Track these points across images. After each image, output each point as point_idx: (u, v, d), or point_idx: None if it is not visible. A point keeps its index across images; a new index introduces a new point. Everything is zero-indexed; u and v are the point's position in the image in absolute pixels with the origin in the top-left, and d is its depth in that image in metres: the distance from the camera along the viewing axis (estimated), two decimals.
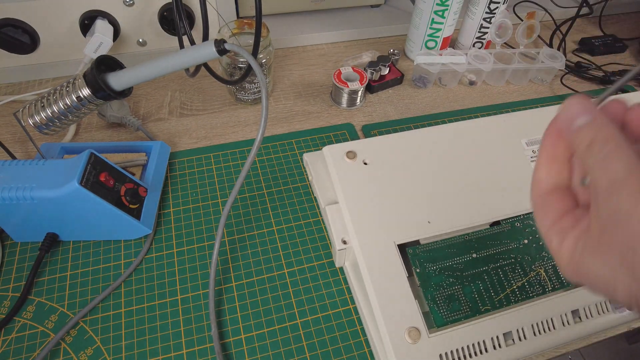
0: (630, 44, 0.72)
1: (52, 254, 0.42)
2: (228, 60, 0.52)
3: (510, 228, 0.40)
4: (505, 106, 0.60)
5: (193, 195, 0.47)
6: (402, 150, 0.43)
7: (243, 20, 0.55)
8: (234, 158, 0.51)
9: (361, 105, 0.59)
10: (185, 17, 0.49)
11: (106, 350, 0.36)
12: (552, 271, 0.39)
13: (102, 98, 0.39)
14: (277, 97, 0.60)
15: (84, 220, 0.40)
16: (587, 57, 0.70)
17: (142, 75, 0.38)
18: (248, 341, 0.37)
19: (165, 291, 0.40)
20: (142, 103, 0.57)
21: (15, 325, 0.37)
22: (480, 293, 0.37)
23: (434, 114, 0.58)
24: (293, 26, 0.68)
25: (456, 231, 0.40)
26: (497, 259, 0.39)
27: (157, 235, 0.44)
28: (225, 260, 0.42)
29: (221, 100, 0.58)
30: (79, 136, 0.52)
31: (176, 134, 0.53)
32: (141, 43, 0.59)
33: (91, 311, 0.38)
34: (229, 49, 0.36)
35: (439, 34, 0.62)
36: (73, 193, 0.36)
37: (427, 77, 0.61)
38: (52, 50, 0.56)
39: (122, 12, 0.55)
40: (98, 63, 0.38)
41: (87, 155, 0.38)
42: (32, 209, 0.38)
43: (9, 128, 0.53)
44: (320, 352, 0.37)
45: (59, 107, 0.39)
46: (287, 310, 0.39)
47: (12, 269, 0.41)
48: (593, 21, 0.77)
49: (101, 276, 0.41)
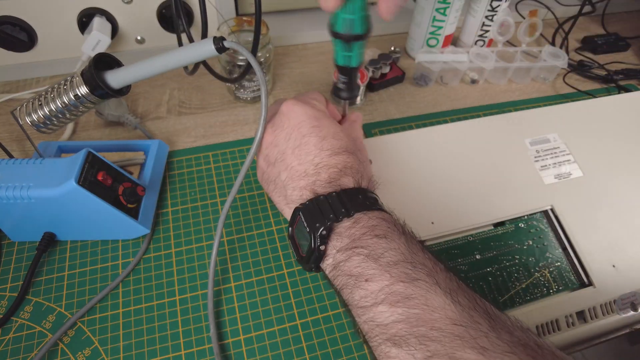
0: (633, 43, 0.72)
1: (49, 253, 0.41)
2: (227, 58, 0.51)
3: (514, 229, 0.40)
4: (507, 105, 0.59)
5: (192, 195, 0.46)
6: (405, 150, 0.43)
7: (242, 17, 0.54)
8: (233, 157, 0.50)
9: (362, 104, 0.58)
10: (184, 15, 0.48)
11: (104, 350, 0.36)
12: (556, 273, 0.38)
13: (100, 96, 0.38)
14: (277, 95, 0.59)
15: (82, 220, 0.39)
16: (589, 55, 0.69)
17: (140, 73, 0.37)
18: (247, 342, 0.37)
19: (164, 291, 0.39)
20: (140, 101, 0.56)
21: (13, 325, 0.37)
22: (485, 295, 0.36)
23: (436, 112, 0.58)
24: (293, 24, 0.68)
25: (460, 232, 0.39)
26: (501, 260, 0.38)
27: (155, 235, 0.43)
28: (225, 260, 0.42)
29: (220, 98, 0.58)
30: (77, 135, 0.52)
31: (175, 133, 0.53)
32: (139, 41, 0.59)
33: (89, 311, 0.38)
34: (228, 47, 0.35)
35: (441, 32, 0.61)
36: (70, 192, 0.36)
37: (428, 76, 0.60)
38: (50, 48, 0.55)
39: (120, 9, 0.54)
40: (96, 61, 0.37)
41: (84, 154, 0.38)
42: (30, 208, 0.37)
43: (6, 127, 0.52)
44: (320, 354, 0.37)
45: (56, 106, 0.38)
46: (287, 311, 0.39)
47: (10, 268, 0.40)
48: (596, 19, 0.77)
49: (99, 276, 0.40)
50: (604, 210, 0.41)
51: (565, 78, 0.64)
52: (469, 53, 0.59)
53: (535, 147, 0.45)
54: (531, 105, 0.58)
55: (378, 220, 0.29)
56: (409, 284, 0.25)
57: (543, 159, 0.44)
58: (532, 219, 0.41)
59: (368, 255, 0.27)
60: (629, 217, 0.41)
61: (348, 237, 0.28)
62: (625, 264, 0.39)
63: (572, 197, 0.42)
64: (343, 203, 0.29)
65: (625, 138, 0.47)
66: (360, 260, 0.27)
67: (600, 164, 0.44)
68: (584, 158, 0.45)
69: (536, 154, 0.44)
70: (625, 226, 0.41)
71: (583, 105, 0.49)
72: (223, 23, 0.52)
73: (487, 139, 0.44)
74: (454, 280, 0.26)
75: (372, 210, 0.30)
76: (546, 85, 0.64)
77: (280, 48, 0.66)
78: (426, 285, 0.25)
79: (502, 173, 0.42)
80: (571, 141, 0.46)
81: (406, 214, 0.39)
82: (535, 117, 0.47)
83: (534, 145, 0.45)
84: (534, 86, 0.63)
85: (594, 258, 0.39)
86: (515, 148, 0.44)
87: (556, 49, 0.62)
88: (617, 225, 0.41)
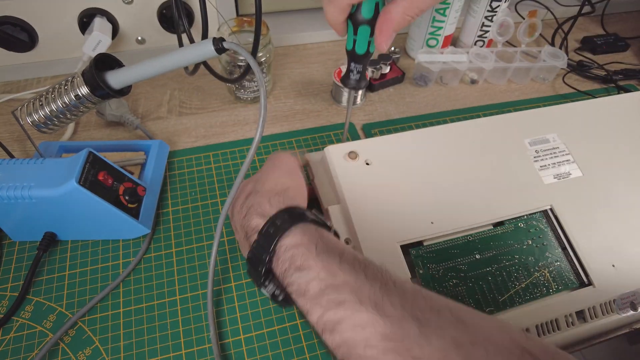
0: (633, 43, 0.72)
1: (50, 253, 0.41)
2: (227, 59, 0.51)
3: (514, 229, 0.40)
4: (506, 105, 0.59)
5: (192, 195, 0.46)
6: (404, 150, 0.43)
7: (243, 18, 0.54)
8: (234, 157, 0.50)
9: (362, 104, 0.59)
10: (185, 15, 0.48)
11: (104, 350, 0.36)
12: (556, 272, 0.38)
13: (100, 96, 0.38)
14: (277, 95, 0.59)
15: (83, 220, 0.39)
16: (589, 55, 0.69)
17: (140, 74, 0.37)
18: (247, 342, 0.37)
19: (164, 291, 0.40)
20: (141, 102, 0.57)
21: (14, 325, 0.37)
22: (484, 294, 0.37)
23: (435, 112, 0.58)
24: (293, 24, 0.68)
25: (459, 232, 0.39)
26: (500, 260, 0.38)
27: (156, 234, 0.43)
28: (225, 260, 0.42)
29: (221, 98, 0.58)
30: (78, 135, 0.52)
31: (175, 133, 0.53)
32: (140, 41, 0.59)
33: (90, 311, 0.38)
34: (228, 48, 0.35)
35: (440, 32, 0.61)
36: (71, 192, 0.36)
37: (428, 76, 0.60)
38: (51, 49, 0.56)
39: (121, 9, 0.54)
40: (97, 61, 0.37)
41: (85, 154, 0.38)
42: (30, 208, 0.37)
43: (7, 127, 0.52)
44: (320, 353, 0.37)
45: (57, 106, 0.39)
46: (287, 311, 0.39)
47: (10, 268, 0.40)
48: (595, 20, 0.77)
49: (99, 276, 0.40)
50: (603, 210, 0.41)
51: (564, 78, 0.64)
52: (469, 53, 0.60)
53: (534, 147, 0.45)
54: (531, 105, 0.58)
55: (293, 249, 0.29)
56: (336, 309, 0.26)
57: (542, 159, 0.44)
58: (531, 218, 0.41)
59: (297, 292, 0.28)
60: (628, 217, 0.41)
61: (281, 276, 0.29)
62: (625, 263, 0.39)
63: (572, 197, 0.42)
64: (260, 246, 0.30)
65: (624, 138, 0.47)
66: (295, 297, 0.29)
67: (599, 164, 0.44)
68: (584, 158, 0.45)
69: (535, 154, 0.44)
70: (625, 226, 0.41)
71: (582, 106, 0.49)
72: (223, 23, 0.52)
73: (487, 139, 0.45)
74: (378, 287, 0.27)
75: (285, 237, 0.30)
76: (546, 85, 0.64)
77: (280, 48, 0.66)
78: (351, 305, 0.26)
79: (501, 173, 0.43)
80: (570, 141, 0.46)
81: (406, 214, 0.39)
82: (534, 117, 0.47)
83: (534, 146, 0.45)
84: (534, 86, 0.63)
85: (594, 258, 0.39)
86: (514, 148, 0.44)
87: (556, 49, 0.62)
88: (617, 225, 0.41)
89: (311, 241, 0.29)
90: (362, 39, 0.33)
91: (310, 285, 0.28)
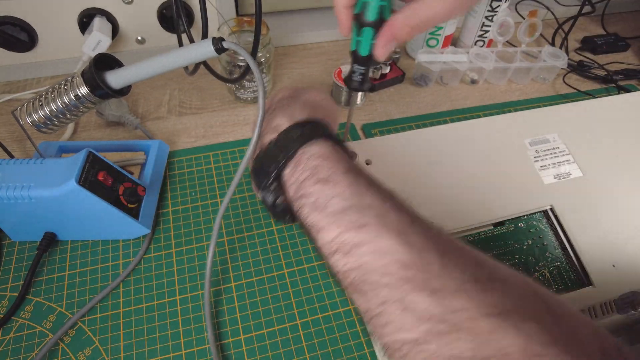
0: (633, 43, 0.72)
1: (50, 253, 0.41)
2: (227, 59, 0.51)
3: (514, 229, 0.40)
4: (507, 105, 0.59)
5: (192, 195, 0.46)
6: (404, 150, 0.43)
7: (243, 18, 0.54)
8: (234, 157, 0.50)
9: (362, 104, 0.59)
10: (185, 15, 0.48)
11: (104, 350, 0.36)
12: (556, 272, 0.38)
13: (100, 96, 0.38)
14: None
15: (82, 220, 0.39)
16: (589, 55, 0.69)
17: (140, 74, 0.37)
18: (247, 342, 0.37)
19: (164, 291, 0.40)
20: (140, 102, 0.57)
21: (14, 325, 0.37)
22: None
23: (436, 112, 0.58)
24: (293, 24, 0.68)
25: (459, 232, 0.39)
26: (500, 260, 0.38)
27: (156, 234, 0.43)
28: (225, 260, 0.42)
29: (220, 98, 0.58)
30: (77, 135, 0.52)
31: (175, 133, 0.53)
32: (140, 41, 0.59)
33: (89, 311, 0.38)
34: (227, 48, 0.35)
35: (441, 32, 0.61)
36: (71, 192, 0.36)
37: (428, 76, 0.60)
38: (50, 49, 0.56)
39: (120, 9, 0.54)
40: (96, 61, 0.37)
41: (85, 154, 0.38)
42: (30, 208, 0.37)
43: (7, 127, 0.52)
44: (320, 353, 0.37)
45: (57, 106, 0.38)
46: (287, 311, 0.39)
47: (10, 268, 0.40)
48: (595, 20, 0.77)
49: (99, 276, 0.40)
50: (603, 210, 0.41)
51: (565, 78, 0.64)
52: (469, 53, 0.60)
53: (534, 147, 0.45)
54: (531, 105, 0.58)
55: (319, 160, 0.28)
56: (357, 231, 0.25)
57: (543, 159, 0.44)
58: (531, 218, 0.41)
59: (313, 205, 0.27)
60: (628, 216, 0.41)
61: (295, 184, 0.28)
62: (625, 263, 0.39)
63: (572, 197, 0.42)
64: (278, 146, 0.28)
65: (624, 138, 0.47)
66: (308, 211, 0.27)
67: (599, 163, 0.44)
68: (584, 158, 0.45)
69: (536, 154, 0.44)
70: (625, 226, 0.41)
71: (583, 106, 0.49)
72: (223, 23, 0.52)
73: (487, 139, 0.45)
74: (406, 218, 0.26)
75: (311, 144, 0.28)
76: (546, 85, 0.64)
77: (280, 48, 0.66)
78: (375, 229, 0.25)
79: (501, 173, 0.43)
80: (571, 141, 0.46)
81: None
82: (534, 118, 0.47)
83: (534, 146, 0.45)
84: (534, 86, 0.63)
85: (594, 257, 0.39)
86: (514, 148, 0.44)
87: (556, 49, 0.62)
88: (617, 225, 0.41)
89: (340, 158, 0.28)
90: (365, 40, 0.33)
91: (333, 201, 0.26)
